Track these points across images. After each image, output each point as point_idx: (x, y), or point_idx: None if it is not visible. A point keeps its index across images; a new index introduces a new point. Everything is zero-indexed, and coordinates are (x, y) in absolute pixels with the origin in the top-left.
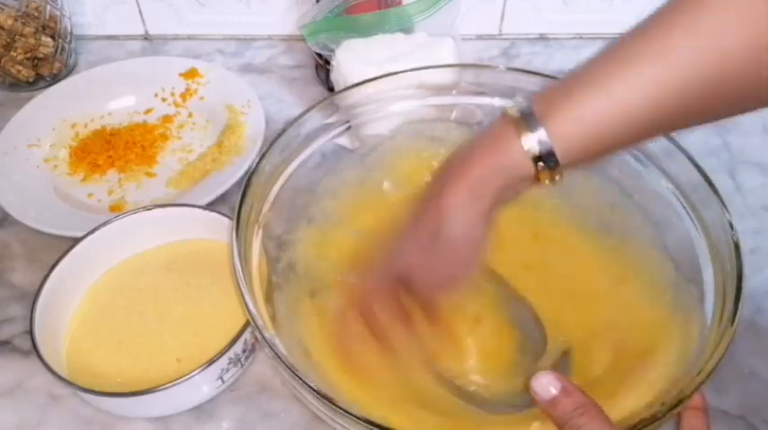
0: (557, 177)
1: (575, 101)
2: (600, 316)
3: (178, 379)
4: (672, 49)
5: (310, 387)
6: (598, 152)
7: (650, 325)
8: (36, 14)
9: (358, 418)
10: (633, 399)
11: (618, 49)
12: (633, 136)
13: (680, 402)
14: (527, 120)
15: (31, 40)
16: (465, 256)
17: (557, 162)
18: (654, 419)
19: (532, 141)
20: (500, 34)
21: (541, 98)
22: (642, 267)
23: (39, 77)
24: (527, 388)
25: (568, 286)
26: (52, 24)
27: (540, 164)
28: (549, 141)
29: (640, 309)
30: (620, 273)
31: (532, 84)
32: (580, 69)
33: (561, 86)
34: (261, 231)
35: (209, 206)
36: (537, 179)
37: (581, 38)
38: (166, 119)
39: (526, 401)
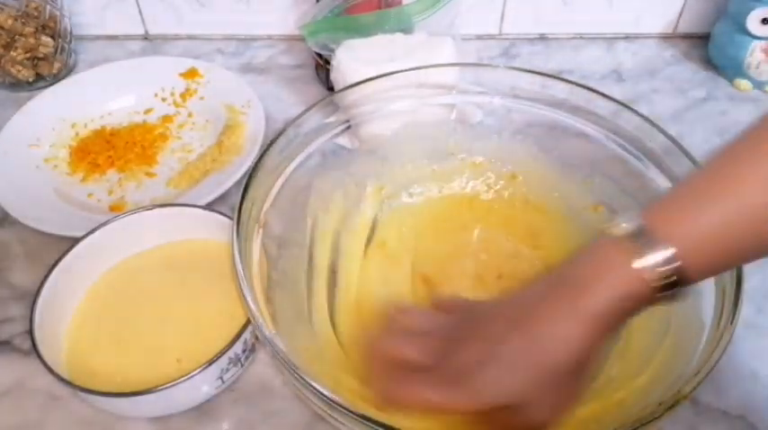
0: (678, 295)
1: (697, 211)
2: None
3: (178, 379)
4: None
5: (312, 385)
6: (726, 261)
7: (649, 324)
8: (36, 14)
9: (360, 417)
10: (632, 399)
11: (728, 156)
12: (761, 237)
13: (678, 402)
14: (642, 239)
15: (31, 40)
16: (569, 388)
17: (681, 279)
18: (652, 419)
19: (653, 261)
20: (500, 34)
21: (653, 215)
22: None
23: (39, 77)
24: None
25: None
26: (52, 24)
27: (662, 283)
28: (675, 259)
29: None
30: None
31: (532, 83)
32: (687, 182)
33: (672, 202)
34: (261, 230)
35: (209, 206)
36: (654, 301)
37: (581, 38)
38: (166, 119)
39: None
